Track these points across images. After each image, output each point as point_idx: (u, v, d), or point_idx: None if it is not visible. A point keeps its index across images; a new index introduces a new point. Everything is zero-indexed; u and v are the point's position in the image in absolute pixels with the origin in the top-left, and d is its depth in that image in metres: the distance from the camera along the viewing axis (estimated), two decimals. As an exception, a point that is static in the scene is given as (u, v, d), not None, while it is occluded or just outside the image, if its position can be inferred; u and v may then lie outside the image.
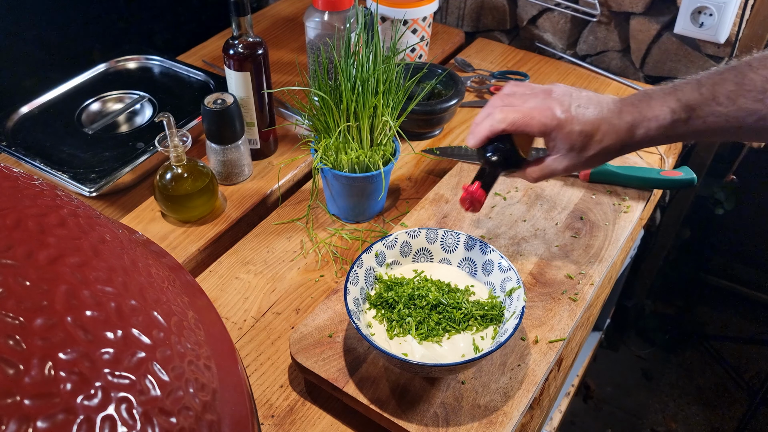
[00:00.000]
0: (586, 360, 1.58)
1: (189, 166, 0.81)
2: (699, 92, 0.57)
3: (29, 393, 0.23)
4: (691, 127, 0.58)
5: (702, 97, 0.56)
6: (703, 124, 0.57)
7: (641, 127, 0.59)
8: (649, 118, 0.59)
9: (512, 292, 0.63)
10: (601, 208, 0.83)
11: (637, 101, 0.60)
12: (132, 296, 0.30)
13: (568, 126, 0.60)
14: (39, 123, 0.94)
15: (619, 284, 1.46)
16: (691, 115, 0.57)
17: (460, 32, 1.29)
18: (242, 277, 0.78)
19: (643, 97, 0.60)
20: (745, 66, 0.55)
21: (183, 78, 1.06)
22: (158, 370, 0.28)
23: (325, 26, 0.94)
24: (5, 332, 0.24)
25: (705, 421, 1.72)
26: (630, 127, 0.60)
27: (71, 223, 0.31)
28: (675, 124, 0.58)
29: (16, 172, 0.33)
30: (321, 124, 0.79)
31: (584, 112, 0.61)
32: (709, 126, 0.57)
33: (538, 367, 0.64)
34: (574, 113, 0.60)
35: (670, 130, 0.59)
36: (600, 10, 1.13)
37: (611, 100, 0.62)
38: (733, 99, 0.55)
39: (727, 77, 0.56)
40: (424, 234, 0.69)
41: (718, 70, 0.57)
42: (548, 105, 0.61)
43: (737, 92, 0.55)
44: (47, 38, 1.04)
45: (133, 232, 0.42)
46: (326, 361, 0.64)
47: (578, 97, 0.62)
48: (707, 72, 0.58)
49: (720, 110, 0.56)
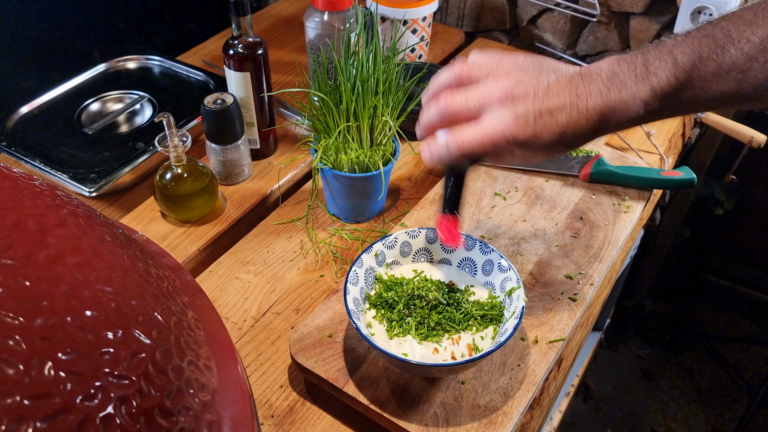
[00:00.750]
0: (586, 360, 1.58)
1: (189, 166, 0.81)
2: (675, 76, 0.49)
3: (29, 393, 0.23)
4: (666, 113, 0.53)
5: (678, 81, 0.49)
6: (677, 110, 0.52)
7: (612, 120, 0.51)
8: (620, 110, 0.51)
9: (512, 292, 0.63)
10: (601, 208, 0.83)
11: (605, 89, 0.51)
12: (132, 296, 0.30)
13: (532, 143, 0.52)
14: (39, 123, 0.94)
15: (619, 284, 1.46)
16: (666, 104, 0.51)
17: (460, 32, 1.29)
18: (242, 277, 0.78)
19: (613, 80, 0.51)
20: (725, 38, 0.48)
21: (183, 78, 1.06)
22: (158, 370, 0.28)
23: (325, 26, 0.94)
24: (5, 332, 0.24)
25: (705, 421, 1.72)
26: (599, 124, 0.52)
27: (71, 223, 0.31)
28: (649, 114, 0.52)
29: (15, 172, 0.33)
30: (321, 124, 0.79)
31: (552, 121, 0.51)
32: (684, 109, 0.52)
33: (538, 367, 0.64)
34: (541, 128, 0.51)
35: (644, 119, 0.53)
36: (600, 10, 1.13)
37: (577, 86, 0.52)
38: (711, 81, 0.49)
39: (707, 54, 0.49)
40: (424, 234, 0.69)
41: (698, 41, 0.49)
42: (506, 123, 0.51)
43: (716, 73, 0.48)
44: (47, 38, 1.04)
45: (133, 232, 0.42)
46: (326, 361, 0.64)
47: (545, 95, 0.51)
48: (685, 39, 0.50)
49: (697, 94, 0.50)
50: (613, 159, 0.90)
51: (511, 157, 0.55)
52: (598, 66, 0.52)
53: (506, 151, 0.53)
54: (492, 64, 0.55)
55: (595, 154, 0.89)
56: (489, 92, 0.53)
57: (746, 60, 0.47)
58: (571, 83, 0.52)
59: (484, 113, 0.53)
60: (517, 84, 0.52)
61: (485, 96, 0.53)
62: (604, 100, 0.51)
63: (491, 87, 0.53)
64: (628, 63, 0.51)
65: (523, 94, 0.52)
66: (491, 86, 0.53)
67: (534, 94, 0.52)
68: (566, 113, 0.51)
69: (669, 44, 0.50)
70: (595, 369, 1.82)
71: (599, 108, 0.51)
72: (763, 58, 0.47)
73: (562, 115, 0.51)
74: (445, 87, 0.56)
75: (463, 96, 0.54)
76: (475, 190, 0.86)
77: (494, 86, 0.53)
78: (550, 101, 0.51)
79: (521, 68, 0.54)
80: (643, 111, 0.51)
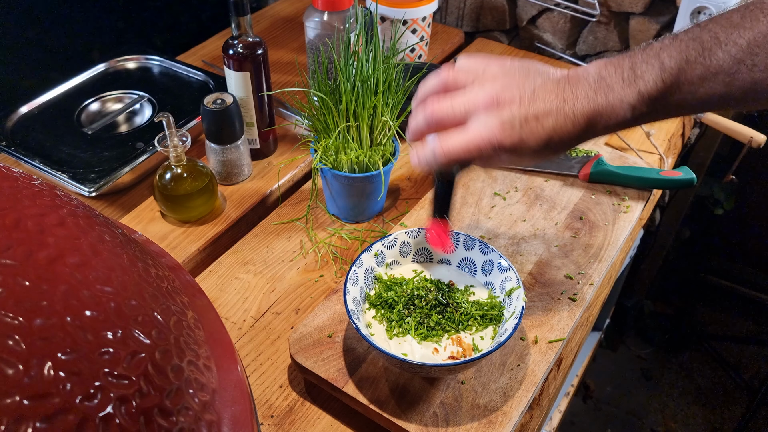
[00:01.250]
0: (586, 360, 1.58)
1: (189, 166, 0.81)
2: (662, 79, 0.49)
3: (29, 393, 0.23)
4: (654, 116, 0.52)
5: (665, 85, 0.49)
6: (665, 113, 0.52)
7: (599, 124, 0.51)
8: (608, 115, 0.50)
9: (512, 292, 0.63)
10: (601, 208, 0.84)
11: (593, 93, 0.50)
12: (131, 296, 0.30)
13: (518, 149, 0.52)
14: (39, 123, 0.94)
15: (619, 284, 1.46)
16: (654, 107, 0.51)
17: (459, 32, 1.29)
18: (242, 277, 0.78)
19: (600, 84, 0.50)
20: (712, 41, 0.48)
21: (183, 78, 1.06)
22: (158, 370, 0.28)
23: (325, 26, 0.94)
24: (5, 332, 0.24)
25: (705, 421, 1.72)
26: (586, 129, 0.51)
27: (71, 223, 0.31)
28: (636, 118, 0.52)
29: (15, 172, 0.33)
30: (320, 124, 0.79)
31: (538, 126, 0.51)
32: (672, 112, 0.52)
33: (537, 367, 0.64)
34: (527, 133, 0.51)
35: (631, 123, 0.52)
36: (600, 10, 1.13)
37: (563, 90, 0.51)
38: (699, 84, 0.48)
39: (694, 57, 0.48)
40: (423, 234, 0.69)
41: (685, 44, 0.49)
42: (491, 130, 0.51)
43: (703, 76, 0.48)
44: (47, 38, 1.04)
45: (133, 232, 0.42)
46: (326, 361, 0.64)
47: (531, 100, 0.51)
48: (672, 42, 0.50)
49: (685, 97, 0.50)
50: (612, 159, 0.90)
51: (499, 162, 0.55)
52: (585, 70, 0.52)
53: (493, 156, 0.53)
54: (478, 69, 0.55)
55: (595, 154, 0.89)
56: (474, 98, 0.53)
57: (733, 63, 0.47)
58: (557, 87, 0.51)
59: (470, 119, 0.53)
60: (503, 89, 0.52)
61: (471, 102, 0.53)
62: (591, 105, 0.50)
63: (477, 93, 0.53)
64: (615, 67, 0.51)
65: (509, 100, 0.51)
66: (477, 92, 0.53)
67: (520, 99, 0.51)
68: (552, 118, 0.51)
69: (656, 48, 0.50)
70: (594, 369, 1.82)
71: (586, 112, 0.50)
72: (750, 61, 0.47)
73: (549, 120, 0.51)
74: (432, 93, 0.56)
75: (449, 102, 0.54)
76: (474, 190, 0.86)
77: (480, 92, 0.53)
78: (536, 106, 0.51)
79: (507, 73, 0.53)
80: (630, 115, 0.51)
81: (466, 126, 0.53)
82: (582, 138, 0.52)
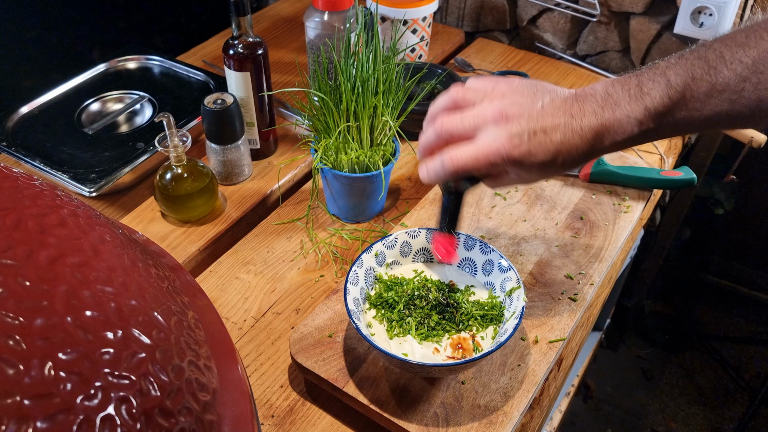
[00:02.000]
0: (586, 360, 1.58)
1: (189, 166, 0.81)
2: (668, 96, 0.50)
3: (29, 393, 0.23)
4: (661, 133, 0.53)
5: (671, 101, 0.50)
6: (672, 130, 0.53)
7: (606, 139, 0.52)
8: (615, 130, 0.52)
9: (512, 292, 0.63)
10: (601, 208, 0.84)
11: (600, 108, 0.52)
12: (132, 296, 0.30)
13: (526, 161, 0.53)
14: (39, 123, 0.94)
15: (619, 284, 1.46)
16: (660, 123, 0.52)
17: (460, 32, 1.29)
18: (242, 277, 0.78)
19: (607, 100, 0.52)
20: (717, 59, 0.49)
21: (183, 78, 1.06)
22: (158, 370, 0.28)
23: (325, 26, 0.94)
24: (5, 332, 0.24)
25: (705, 421, 1.72)
26: (593, 143, 0.52)
27: (71, 223, 0.31)
28: (643, 134, 0.53)
29: (16, 172, 0.33)
30: (321, 124, 0.79)
31: (546, 140, 0.52)
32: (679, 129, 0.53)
33: (538, 367, 0.64)
34: (535, 145, 0.52)
35: (638, 139, 0.53)
36: (600, 10, 1.13)
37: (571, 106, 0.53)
38: (704, 101, 0.50)
39: (700, 75, 0.49)
40: (424, 234, 0.69)
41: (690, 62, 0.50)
42: (500, 141, 0.52)
43: (709, 93, 0.49)
44: (47, 38, 1.04)
45: (133, 232, 0.42)
46: (326, 361, 0.64)
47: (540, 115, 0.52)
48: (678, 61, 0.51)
49: (691, 114, 0.51)
50: (613, 159, 0.90)
51: (507, 177, 0.56)
52: (593, 88, 0.53)
53: (501, 169, 0.54)
54: (487, 88, 0.56)
55: (595, 154, 0.89)
56: (484, 112, 0.54)
57: (739, 81, 0.48)
58: (565, 104, 0.53)
59: (479, 132, 0.54)
60: (511, 104, 0.53)
61: (480, 116, 0.54)
62: (599, 120, 0.51)
63: (486, 108, 0.54)
64: (622, 84, 0.52)
65: (518, 114, 0.53)
66: (486, 107, 0.54)
67: (528, 114, 0.53)
68: (560, 132, 0.52)
69: (662, 66, 0.51)
70: (595, 369, 1.82)
71: (593, 127, 0.52)
72: (755, 79, 0.48)
73: (557, 134, 0.52)
74: (442, 110, 0.58)
75: (458, 117, 0.55)
76: (475, 190, 0.86)
77: (489, 107, 0.54)
78: (544, 121, 0.52)
79: (516, 90, 0.55)
80: (637, 130, 0.52)
81: (475, 138, 0.54)
82: (589, 154, 0.53)
